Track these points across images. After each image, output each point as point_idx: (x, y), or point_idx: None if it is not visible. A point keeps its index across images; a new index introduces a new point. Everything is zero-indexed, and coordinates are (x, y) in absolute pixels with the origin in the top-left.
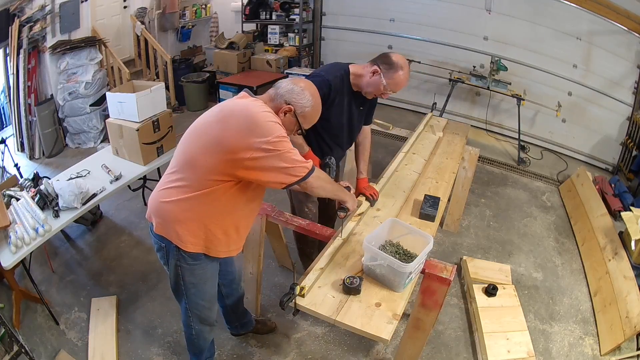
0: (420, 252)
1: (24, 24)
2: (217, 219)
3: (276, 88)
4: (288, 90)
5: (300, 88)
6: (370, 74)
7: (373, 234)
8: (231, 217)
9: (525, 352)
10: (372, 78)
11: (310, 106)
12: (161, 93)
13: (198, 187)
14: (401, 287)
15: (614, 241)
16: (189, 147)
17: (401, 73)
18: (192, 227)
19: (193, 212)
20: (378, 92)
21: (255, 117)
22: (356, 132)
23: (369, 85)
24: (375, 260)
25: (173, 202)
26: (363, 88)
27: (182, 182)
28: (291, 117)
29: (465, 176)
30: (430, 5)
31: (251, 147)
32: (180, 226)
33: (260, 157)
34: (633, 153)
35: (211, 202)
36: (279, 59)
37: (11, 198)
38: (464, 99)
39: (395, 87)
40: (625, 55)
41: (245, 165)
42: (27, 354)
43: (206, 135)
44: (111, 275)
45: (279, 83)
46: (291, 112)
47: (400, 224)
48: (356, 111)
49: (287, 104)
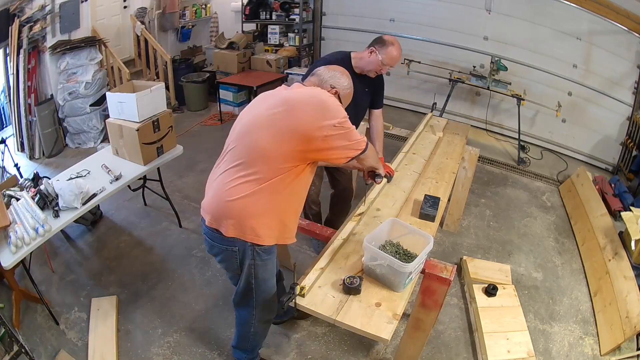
0: (420, 252)
1: (24, 24)
2: (288, 205)
3: (318, 76)
4: (331, 76)
5: (339, 73)
6: (368, 54)
7: (373, 233)
8: (297, 199)
9: (525, 352)
10: (370, 57)
11: (350, 88)
12: (161, 93)
13: (270, 177)
14: (401, 287)
15: (614, 241)
16: (256, 141)
17: (392, 48)
18: (266, 219)
19: (267, 202)
20: (378, 68)
21: (326, 102)
22: (361, 111)
23: (369, 64)
24: (376, 260)
25: (246, 196)
26: (365, 68)
27: (253, 175)
28: (336, 98)
29: (465, 176)
30: (430, 5)
31: (324, 128)
32: (256, 220)
33: (331, 136)
34: (633, 153)
35: (283, 189)
36: (279, 59)
37: (11, 198)
38: (464, 99)
39: (390, 61)
40: (625, 55)
41: (317, 147)
42: (27, 354)
43: (275, 127)
44: (111, 275)
45: (316, 71)
46: (336, 94)
47: (401, 223)
48: (361, 92)
49: (332, 87)
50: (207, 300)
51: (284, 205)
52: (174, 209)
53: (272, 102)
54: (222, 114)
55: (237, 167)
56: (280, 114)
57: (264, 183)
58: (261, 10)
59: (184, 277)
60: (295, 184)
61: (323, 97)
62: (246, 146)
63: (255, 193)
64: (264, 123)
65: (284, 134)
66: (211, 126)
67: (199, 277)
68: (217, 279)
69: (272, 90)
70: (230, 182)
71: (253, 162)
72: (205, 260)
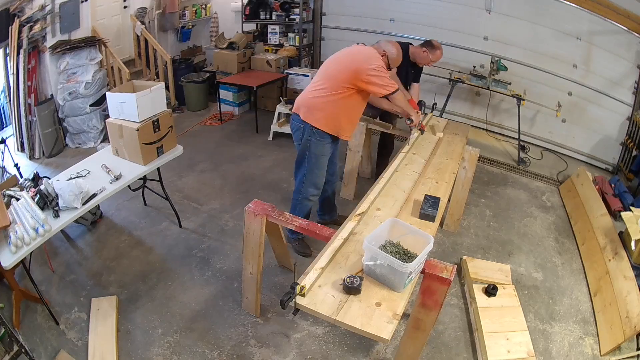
0: (420, 252)
1: (24, 24)
2: (343, 113)
3: (378, 43)
4: (385, 45)
5: (392, 45)
6: (422, 51)
7: (373, 234)
8: (352, 112)
9: (525, 352)
10: (423, 54)
11: (396, 55)
12: (161, 93)
13: (334, 91)
14: (401, 287)
15: (614, 241)
16: (330, 69)
17: (439, 52)
18: (324, 114)
19: (331, 105)
20: (425, 62)
21: (372, 55)
22: (408, 82)
23: (422, 59)
24: (376, 260)
25: (318, 98)
26: (417, 59)
27: (325, 90)
28: (385, 58)
29: (465, 176)
30: (430, 5)
31: (367, 68)
32: (320, 113)
33: (371, 75)
34: (633, 153)
35: (340, 101)
36: (279, 59)
37: (11, 198)
38: (464, 99)
39: (435, 60)
40: (625, 55)
41: (362, 79)
42: (27, 354)
43: (341, 63)
44: (111, 275)
45: (380, 42)
46: (385, 56)
47: (401, 224)
48: (410, 71)
49: (384, 51)
50: (207, 300)
51: (337, 111)
52: (174, 209)
53: (344, 52)
54: (222, 114)
55: (317, 84)
56: (346, 56)
57: (329, 93)
58: (261, 10)
59: (184, 277)
60: (347, 101)
61: (371, 53)
62: (324, 73)
63: (324, 97)
64: (337, 60)
65: (346, 66)
66: (211, 126)
67: (199, 277)
68: (217, 279)
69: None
70: (312, 91)
71: (325, 82)
72: (205, 260)
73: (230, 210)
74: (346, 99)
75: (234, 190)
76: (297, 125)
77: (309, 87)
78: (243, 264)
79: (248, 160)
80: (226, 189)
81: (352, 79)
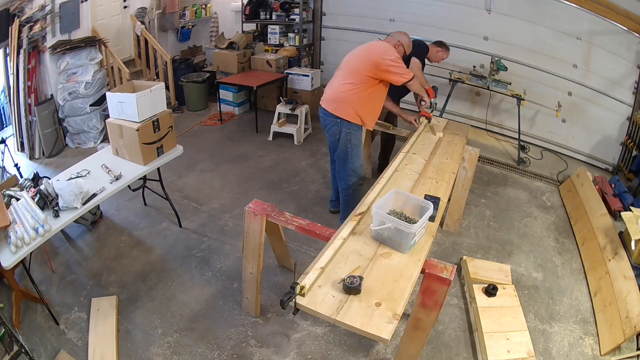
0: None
1: (24, 24)
2: (367, 103)
3: (391, 35)
4: (399, 36)
5: (404, 35)
6: (437, 50)
7: (379, 202)
8: (371, 104)
9: (525, 352)
10: (437, 53)
11: (408, 41)
12: (161, 93)
13: (359, 83)
14: (407, 248)
15: (614, 241)
16: (353, 64)
17: (449, 52)
18: (355, 108)
19: (357, 97)
20: (438, 59)
21: (388, 48)
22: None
23: (435, 57)
24: (384, 224)
25: (346, 92)
26: (430, 57)
27: (351, 84)
28: (400, 47)
29: (465, 176)
30: (430, 5)
31: (386, 59)
32: (350, 106)
33: (389, 66)
34: (633, 153)
35: (365, 91)
36: (279, 59)
37: (11, 198)
38: (464, 99)
39: (446, 57)
40: (625, 55)
41: (382, 69)
42: (27, 354)
43: (362, 57)
44: (111, 275)
45: (392, 33)
46: (400, 46)
47: (402, 193)
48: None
49: (398, 42)
50: (207, 300)
51: (362, 102)
52: (174, 209)
53: (363, 47)
54: (222, 114)
55: (342, 78)
56: (365, 51)
57: (356, 86)
58: (261, 10)
59: (184, 277)
60: (371, 92)
61: (387, 46)
62: (347, 68)
63: (351, 91)
64: (357, 56)
65: (366, 60)
66: (211, 126)
67: (199, 277)
68: (217, 279)
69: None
70: (339, 86)
71: (350, 76)
72: (205, 260)
73: (230, 210)
74: (372, 90)
75: (234, 190)
76: (333, 121)
77: (335, 82)
78: (243, 264)
79: (248, 160)
80: (226, 189)
81: (374, 69)
